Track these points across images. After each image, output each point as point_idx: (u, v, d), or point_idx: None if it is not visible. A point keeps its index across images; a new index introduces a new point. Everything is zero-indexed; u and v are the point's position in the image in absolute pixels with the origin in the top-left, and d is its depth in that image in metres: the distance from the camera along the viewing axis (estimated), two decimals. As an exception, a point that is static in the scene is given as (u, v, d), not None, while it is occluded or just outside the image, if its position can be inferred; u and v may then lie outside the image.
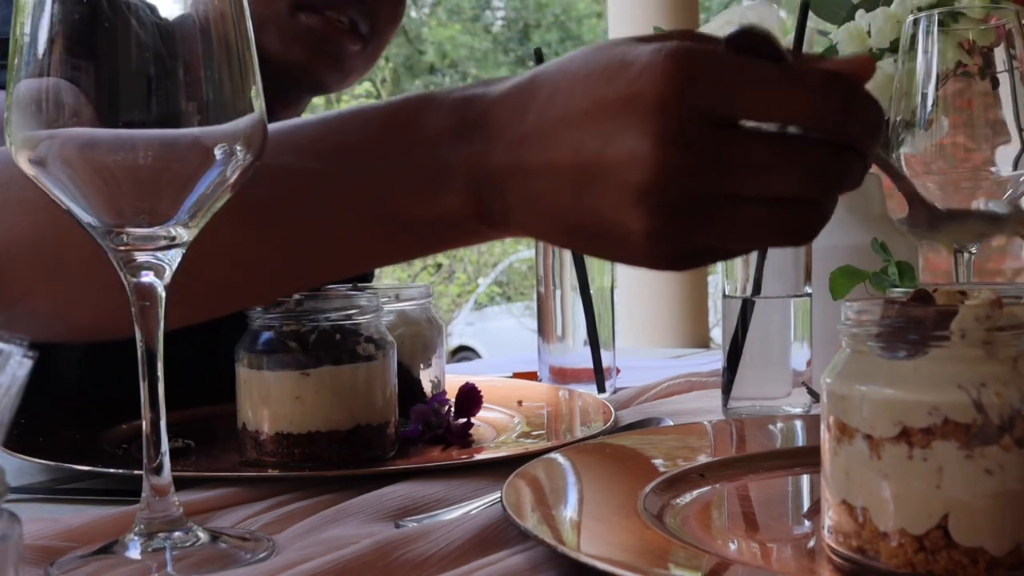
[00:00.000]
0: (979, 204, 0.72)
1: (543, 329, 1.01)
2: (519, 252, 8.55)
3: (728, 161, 0.47)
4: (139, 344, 0.50)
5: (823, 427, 0.45)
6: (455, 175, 0.54)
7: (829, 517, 0.45)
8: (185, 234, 0.49)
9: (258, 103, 0.49)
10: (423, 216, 0.56)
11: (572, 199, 0.51)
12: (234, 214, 0.55)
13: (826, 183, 0.49)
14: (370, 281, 1.16)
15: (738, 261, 0.80)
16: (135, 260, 0.49)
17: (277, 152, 0.55)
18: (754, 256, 0.79)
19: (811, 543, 0.50)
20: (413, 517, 0.55)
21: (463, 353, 7.01)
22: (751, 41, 0.48)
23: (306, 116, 0.60)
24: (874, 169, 0.96)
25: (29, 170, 0.47)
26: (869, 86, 0.86)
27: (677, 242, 0.50)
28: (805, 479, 0.60)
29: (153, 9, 0.47)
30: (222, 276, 0.60)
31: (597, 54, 0.50)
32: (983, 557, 0.40)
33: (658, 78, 0.47)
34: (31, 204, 0.58)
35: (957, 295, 0.44)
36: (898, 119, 0.74)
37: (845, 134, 0.48)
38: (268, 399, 0.66)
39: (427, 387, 0.83)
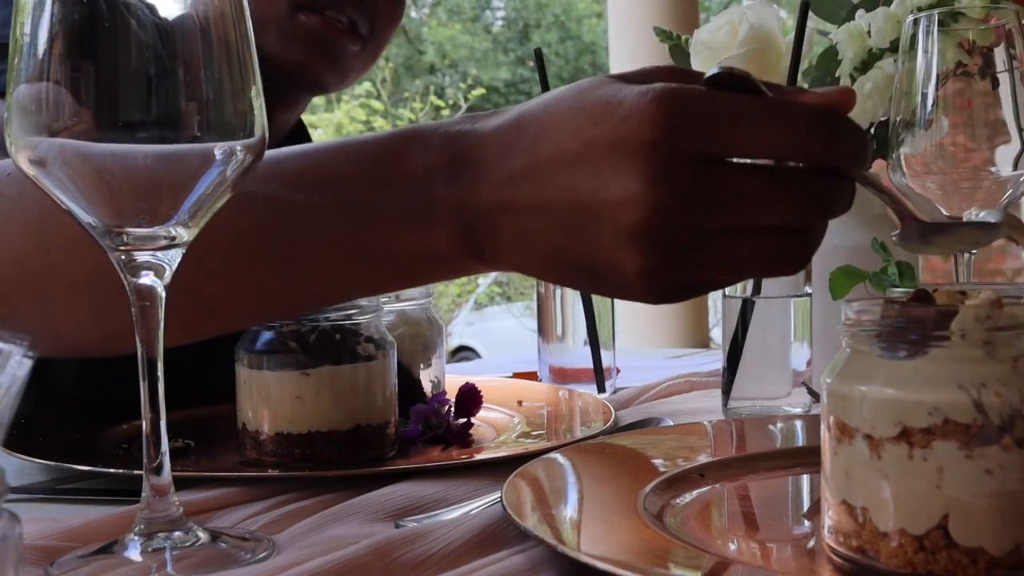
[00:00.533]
0: (971, 214, 0.72)
1: (543, 329, 1.01)
2: (519, 252, 8.52)
3: (718, 197, 0.48)
4: (139, 345, 0.50)
5: (823, 427, 0.45)
6: (443, 211, 0.55)
7: (829, 517, 0.45)
8: (185, 234, 0.49)
9: (258, 103, 0.49)
10: (411, 250, 0.57)
11: (564, 239, 0.51)
12: (225, 242, 0.56)
13: (815, 210, 0.50)
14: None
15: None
16: (135, 260, 0.49)
17: (267, 182, 0.56)
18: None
19: (811, 543, 0.50)
20: (413, 517, 0.55)
21: (463, 353, 7.01)
22: (731, 80, 0.49)
23: (296, 146, 0.60)
24: (873, 169, 0.96)
25: (29, 170, 0.47)
26: (870, 87, 0.86)
27: (671, 278, 0.51)
28: (805, 479, 0.60)
29: (153, 9, 0.47)
30: (213, 301, 0.60)
31: (583, 94, 0.51)
32: (983, 557, 0.40)
33: (645, 121, 0.48)
34: (19, 225, 0.58)
35: (957, 295, 0.44)
36: (898, 119, 0.74)
37: (830, 162, 0.49)
38: (268, 399, 0.66)
39: (427, 387, 0.83)
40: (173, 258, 0.50)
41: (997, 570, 0.40)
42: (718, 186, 0.48)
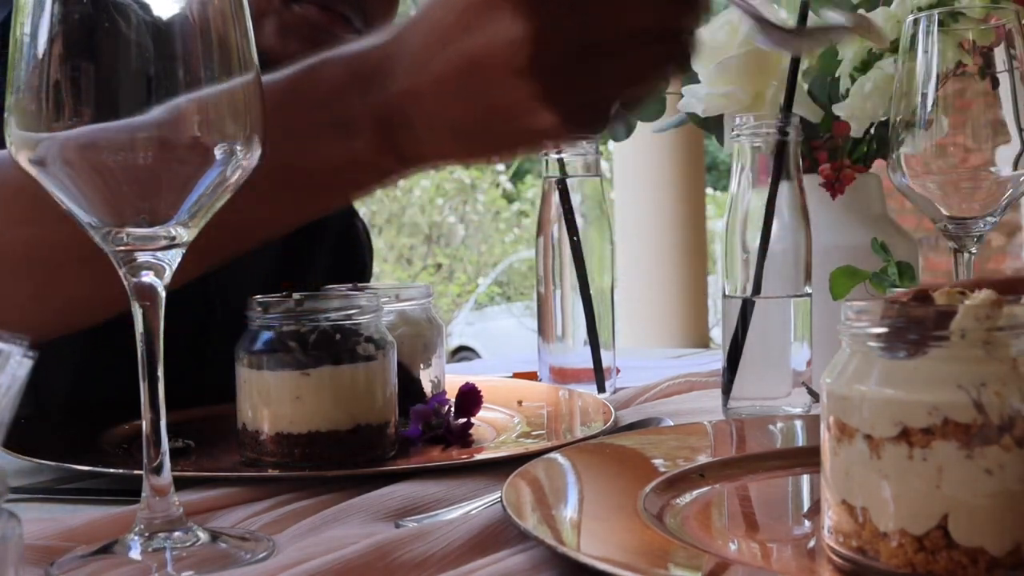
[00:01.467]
0: (826, 15, 0.75)
1: (543, 329, 1.01)
2: (519, 252, 8.55)
3: (587, 15, 0.54)
4: (139, 344, 0.50)
5: (823, 427, 0.45)
6: (360, 122, 0.60)
7: (829, 517, 0.45)
8: (185, 234, 0.49)
9: (258, 103, 0.49)
10: (340, 163, 0.62)
11: (467, 101, 0.57)
12: None
13: (678, 8, 0.56)
14: (368, 281, 1.16)
15: (738, 261, 0.80)
16: (135, 260, 0.49)
17: None
18: (754, 256, 0.79)
19: (811, 543, 0.50)
20: (413, 517, 0.55)
21: (463, 353, 7.02)
22: None
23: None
24: (873, 169, 0.96)
25: (29, 170, 0.47)
26: (870, 87, 0.86)
27: (572, 99, 0.56)
28: (805, 479, 0.60)
29: (151, 9, 0.47)
30: None
31: None
32: (983, 557, 0.40)
33: None
34: None
35: (957, 295, 0.44)
36: (898, 119, 0.74)
37: None
38: (268, 399, 0.66)
39: (427, 387, 0.83)
40: (173, 258, 0.50)
41: (997, 570, 0.40)
42: (584, 4, 0.54)
